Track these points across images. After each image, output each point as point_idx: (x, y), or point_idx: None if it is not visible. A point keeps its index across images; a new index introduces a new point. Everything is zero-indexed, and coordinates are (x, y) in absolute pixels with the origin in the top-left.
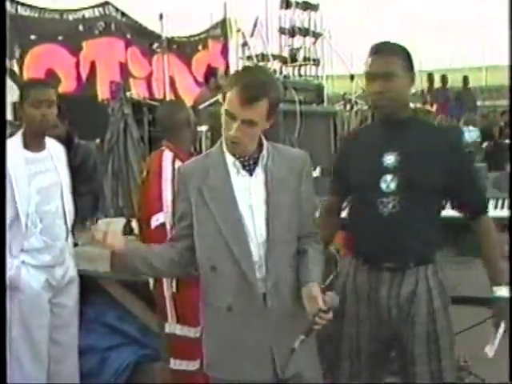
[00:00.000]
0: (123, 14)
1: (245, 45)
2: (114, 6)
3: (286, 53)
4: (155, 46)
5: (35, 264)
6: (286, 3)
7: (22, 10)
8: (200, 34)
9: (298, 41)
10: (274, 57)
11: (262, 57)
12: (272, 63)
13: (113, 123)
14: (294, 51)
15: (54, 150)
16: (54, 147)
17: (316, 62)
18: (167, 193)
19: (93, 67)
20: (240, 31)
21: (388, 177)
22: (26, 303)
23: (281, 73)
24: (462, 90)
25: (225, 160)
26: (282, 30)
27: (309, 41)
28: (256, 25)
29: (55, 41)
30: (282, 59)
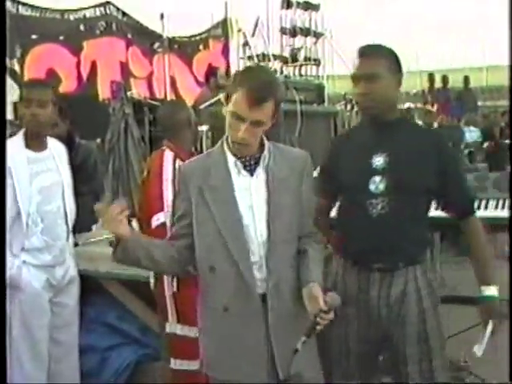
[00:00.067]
0: (124, 14)
1: (246, 45)
2: (114, 5)
3: (287, 53)
4: (156, 45)
5: (36, 263)
6: (286, 3)
7: (23, 10)
8: (201, 33)
9: (298, 41)
10: (275, 57)
11: (263, 57)
12: (273, 63)
13: (113, 123)
14: (295, 51)
15: (56, 150)
16: (55, 147)
17: (317, 62)
18: (168, 192)
19: (94, 67)
20: (241, 31)
21: (377, 178)
22: (27, 303)
23: (281, 73)
24: (462, 91)
25: (226, 160)
26: (283, 30)
27: (310, 41)
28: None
29: (56, 40)
30: (283, 59)
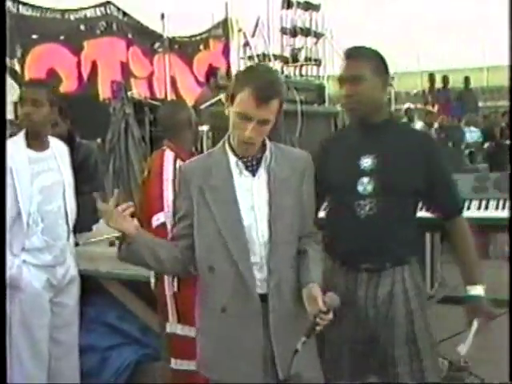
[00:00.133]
0: (125, 14)
1: (246, 45)
2: (115, 5)
3: (288, 53)
4: (157, 45)
5: (36, 263)
6: (287, 3)
7: (23, 10)
8: (201, 33)
9: (299, 41)
10: (276, 57)
11: (264, 57)
12: (273, 63)
13: (114, 123)
14: (296, 51)
15: (58, 150)
16: (57, 146)
17: (317, 62)
18: (168, 192)
19: (94, 67)
20: (241, 31)
21: (365, 179)
22: (27, 302)
23: (282, 73)
24: (463, 91)
25: (228, 160)
26: (284, 30)
27: (310, 41)
28: (257, 25)
29: (57, 40)
30: (284, 59)
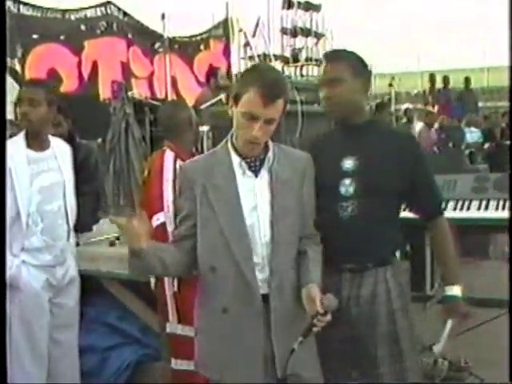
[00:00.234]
0: (125, 14)
1: (247, 45)
2: (115, 5)
3: (288, 53)
4: (157, 45)
5: (36, 263)
6: (288, 3)
7: (24, 10)
8: (202, 33)
9: (299, 41)
10: (276, 57)
11: (264, 57)
12: (274, 63)
13: (114, 123)
14: (296, 51)
15: (59, 149)
16: (58, 146)
17: (318, 63)
18: (168, 193)
19: (94, 67)
20: (242, 31)
21: (347, 181)
22: (27, 303)
23: (283, 73)
24: (463, 91)
25: (230, 160)
26: (284, 30)
27: (311, 41)
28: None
29: (57, 40)
30: (284, 59)
